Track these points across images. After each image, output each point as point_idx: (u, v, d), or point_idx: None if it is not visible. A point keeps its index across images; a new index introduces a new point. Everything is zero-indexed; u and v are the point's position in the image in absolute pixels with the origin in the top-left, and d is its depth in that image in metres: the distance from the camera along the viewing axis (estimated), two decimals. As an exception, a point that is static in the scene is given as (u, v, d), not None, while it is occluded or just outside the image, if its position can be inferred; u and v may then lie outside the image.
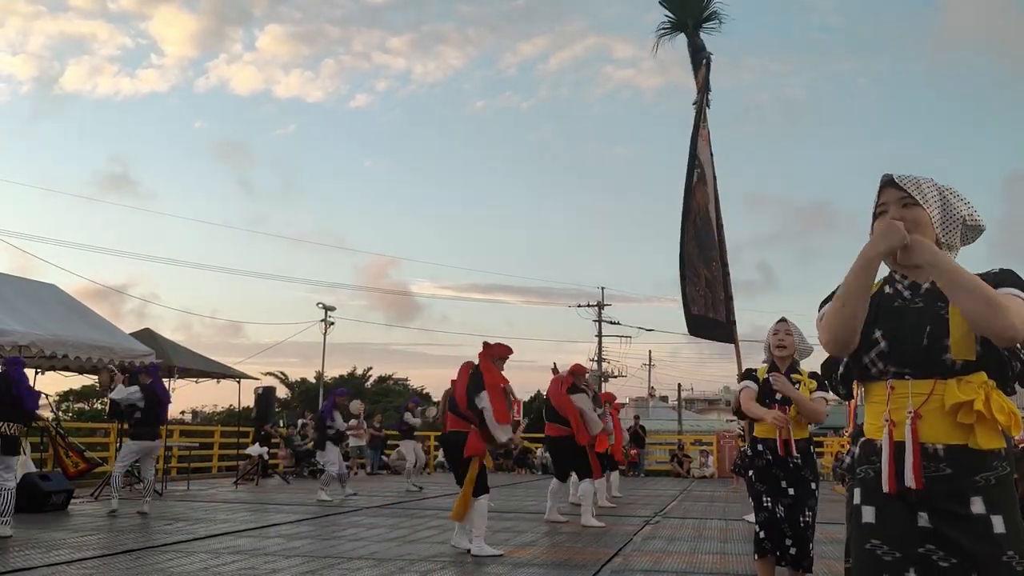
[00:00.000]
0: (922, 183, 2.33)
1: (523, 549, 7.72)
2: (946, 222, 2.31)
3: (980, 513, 2.10)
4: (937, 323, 2.19)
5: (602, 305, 45.36)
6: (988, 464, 2.13)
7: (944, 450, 2.14)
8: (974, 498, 2.12)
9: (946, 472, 2.13)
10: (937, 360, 2.16)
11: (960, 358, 2.14)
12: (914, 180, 2.34)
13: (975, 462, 2.13)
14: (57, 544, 7.43)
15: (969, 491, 2.12)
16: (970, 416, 2.10)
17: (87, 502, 11.60)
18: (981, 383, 2.12)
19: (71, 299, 13.85)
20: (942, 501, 2.14)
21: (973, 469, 2.12)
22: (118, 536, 7.99)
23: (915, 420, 2.15)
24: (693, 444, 24.94)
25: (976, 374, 2.13)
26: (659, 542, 8.34)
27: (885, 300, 2.32)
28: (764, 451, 4.96)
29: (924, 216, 2.29)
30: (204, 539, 7.96)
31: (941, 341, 2.16)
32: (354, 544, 7.82)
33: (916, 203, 2.28)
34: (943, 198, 2.32)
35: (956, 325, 2.16)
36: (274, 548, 7.49)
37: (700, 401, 72.47)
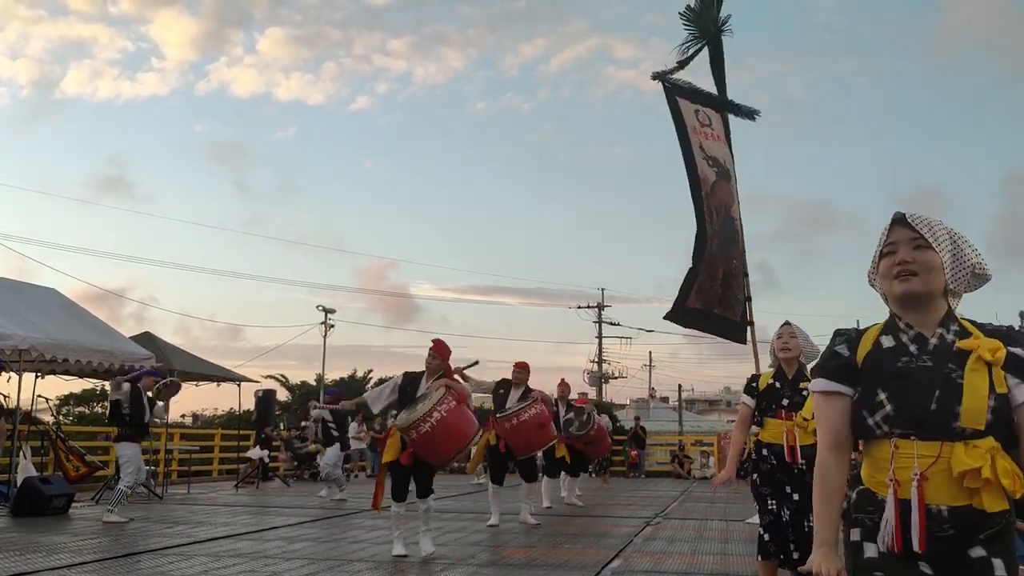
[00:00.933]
0: (934, 225, 2.27)
1: (523, 550, 7.72)
2: (956, 268, 2.26)
3: (980, 556, 2.11)
4: (948, 387, 2.15)
5: (602, 306, 45.37)
6: (992, 523, 2.12)
7: (948, 512, 2.12)
8: (976, 548, 2.13)
9: (949, 533, 2.12)
10: (946, 426, 2.13)
11: (970, 426, 2.11)
12: (926, 221, 2.28)
13: (980, 522, 2.12)
14: (58, 548, 7.44)
15: (973, 545, 2.14)
16: (977, 482, 2.08)
17: (88, 506, 11.60)
18: (988, 448, 2.09)
19: (71, 303, 13.87)
20: (943, 556, 2.14)
21: (977, 529, 2.12)
22: (119, 540, 7.99)
23: (921, 483, 2.12)
24: (694, 445, 24.93)
25: (984, 439, 2.10)
26: (660, 543, 8.34)
27: (887, 356, 2.25)
28: (769, 456, 4.93)
29: (936, 260, 2.23)
30: (204, 542, 7.97)
31: (952, 407, 2.13)
32: (355, 546, 7.82)
33: (928, 246, 2.23)
34: (954, 243, 2.28)
35: (970, 393, 2.13)
36: (274, 551, 7.50)
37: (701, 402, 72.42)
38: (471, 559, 7.08)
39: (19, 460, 11.59)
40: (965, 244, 2.29)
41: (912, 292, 2.23)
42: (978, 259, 2.30)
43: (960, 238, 2.30)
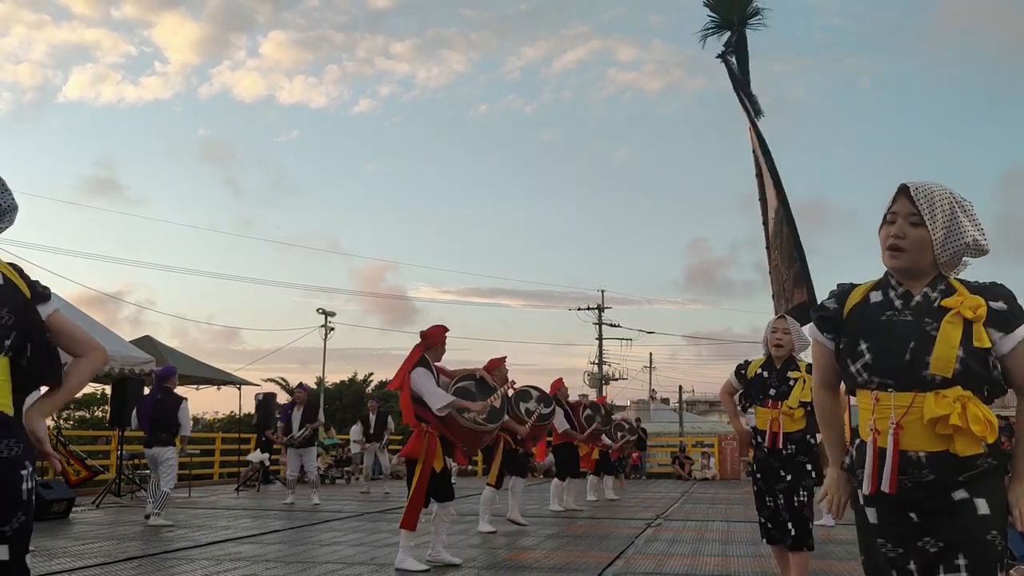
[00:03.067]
0: (935, 198, 2.34)
1: (524, 553, 7.72)
2: (948, 244, 2.33)
3: (963, 498, 2.25)
4: (922, 340, 2.29)
5: (602, 308, 45.36)
6: (971, 465, 2.26)
7: (927, 457, 2.27)
8: (958, 491, 2.27)
9: (929, 478, 2.27)
10: (917, 375, 2.28)
11: (939, 373, 2.26)
12: (928, 195, 2.34)
13: (956, 466, 2.26)
14: (58, 552, 7.43)
15: (953, 488, 2.28)
16: (947, 428, 2.23)
17: (88, 510, 11.59)
18: (956, 397, 2.23)
19: (70, 307, 13.86)
20: (928, 501, 2.29)
21: (955, 472, 2.26)
22: (120, 544, 7.99)
23: (897, 431, 2.28)
24: (694, 446, 24.96)
25: (952, 388, 2.24)
26: (661, 545, 8.34)
27: (872, 310, 2.39)
28: (761, 443, 5.06)
29: (926, 238, 2.33)
30: (205, 546, 7.96)
31: (923, 358, 2.28)
32: (355, 549, 7.81)
33: (923, 223, 2.32)
34: (953, 217, 2.34)
35: (941, 344, 2.27)
36: (275, 554, 7.49)
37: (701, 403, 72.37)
38: (472, 562, 7.08)
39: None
40: (966, 218, 2.35)
41: (898, 268, 2.38)
42: (976, 235, 2.35)
43: (963, 210, 2.35)
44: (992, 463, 2.29)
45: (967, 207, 2.37)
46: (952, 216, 2.33)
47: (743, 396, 5.24)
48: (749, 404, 5.21)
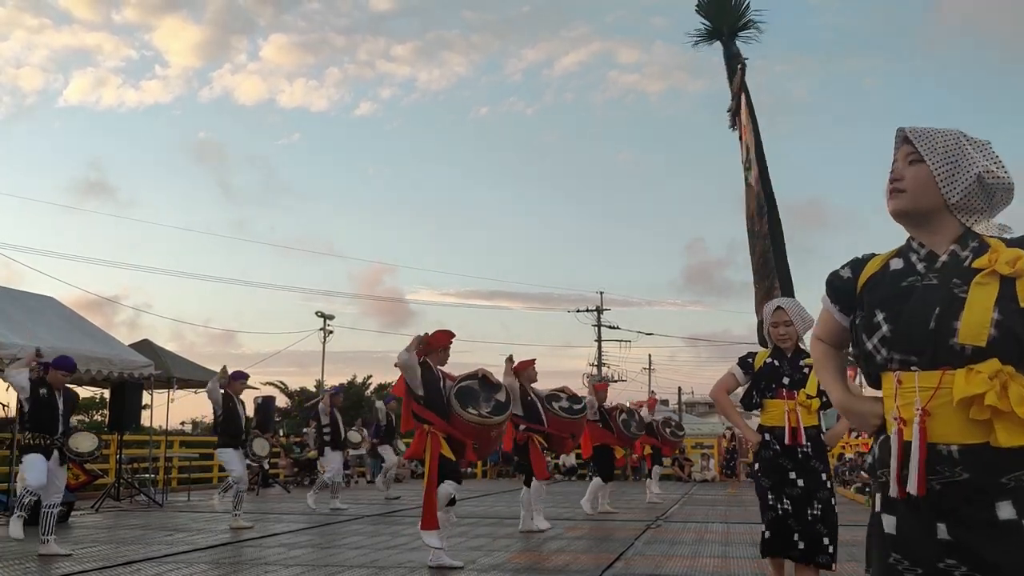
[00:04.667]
0: (934, 135, 2.04)
1: (524, 555, 7.71)
2: (955, 178, 1.99)
3: (1009, 519, 1.82)
4: (950, 304, 1.91)
5: (601, 310, 45.41)
6: (1017, 463, 1.83)
7: (959, 451, 1.86)
8: (1001, 503, 1.84)
9: (963, 477, 1.86)
10: (943, 346, 1.89)
11: (969, 343, 1.86)
12: (926, 133, 2.05)
13: (999, 463, 1.83)
14: (58, 556, 7.41)
15: (994, 495, 1.84)
16: (983, 412, 1.82)
17: (88, 514, 11.58)
18: (994, 372, 1.82)
19: (70, 311, 13.86)
20: (962, 509, 1.87)
21: (997, 471, 1.84)
22: (118, 548, 7.97)
23: (923, 418, 1.89)
24: (694, 447, 24.92)
25: (987, 362, 1.84)
26: (661, 546, 8.33)
27: (892, 277, 2.05)
28: (771, 441, 4.61)
29: (925, 172, 2.01)
30: (205, 550, 7.95)
31: (950, 326, 1.89)
32: (355, 552, 7.81)
33: (921, 159, 2.02)
34: (957, 149, 2.01)
35: (973, 306, 1.89)
36: (275, 557, 7.48)
37: (701, 404, 72.35)
38: (472, 564, 7.07)
39: (18, 469, 11.57)
40: (974, 149, 2.02)
41: (899, 209, 2.06)
42: (988, 164, 2.00)
43: (971, 142, 2.04)
44: None
45: (979, 141, 2.04)
46: (957, 148, 2.01)
47: (749, 392, 4.79)
48: (758, 398, 4.73)
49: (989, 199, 2.02)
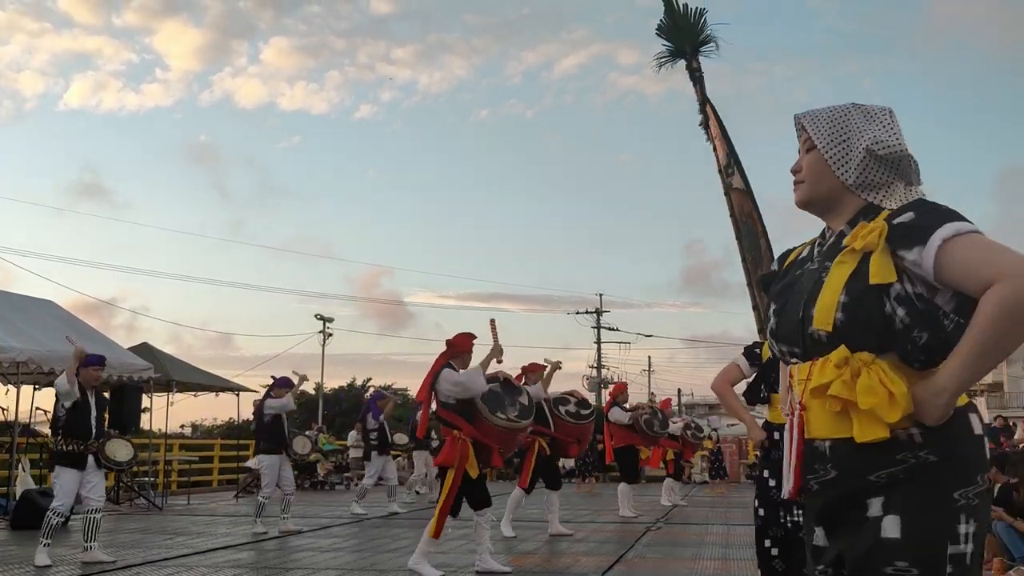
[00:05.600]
0: (822, 115, 1.89)
1: (524, 557, 7.70)
2: (846, 158, 1.84)
3: (874, 515, 1.70)
4: (813, 289, 1.81)
5: (600, 312, 45.40)
6: (888, 458, 1.68)
7: (830, 447, 1.74)
8: (873, 500, 1.71)
9: (831, 475, 1.75)
10: (807, 335, 1.79)
11: (821, 328, 1.75)
12: (814, 114, 1.91)
13: (865, 459, 1.69)
14: (57, 560, 7.41)
15: (864, 493, 1.72)
16: (835, 403, 1.70)
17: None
18: (842, 360, 1.69)
19: (68, 315, 13.85)
20: (837, 510, 1.77)
21: (865, 467, 1.70)
22: (118, 551, 7.96)
23: (801, 413, 1.79)
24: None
25: (838, 348, 1.71)
26: (661, 548, 8.33)
27: (793, 267, 1.97)
28: (781, 440, 4.14)
29: (817, 158, 1.88)
30: (204, 553, 7.94)
31: (809, 311, 1.79)
32: (355, 555, 7.80)
33: (814, 145, 1.89)
34: (846, 126, 1.86)
35: (826, 288, 1.77)
36: (274, 561, 7.47)
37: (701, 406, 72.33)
38: (471, 567, 7.06)
39: (18, 473, 11.56)
40: (864, 120, 1.86)
41: (800, 201, 1.94)
42: (876, 134, 1.83)
43: (859, 115, 1.88)
44: (930, 459, 1.66)
45: (873, 111, 1.88)
46: (845, 125, 1.86)
47: (755, 385, 4.45)
48: (766, 392, 4.38)
49: (893, 169, 1.84)
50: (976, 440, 1.71)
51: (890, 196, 1.83)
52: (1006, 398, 48.56)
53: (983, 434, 1.73)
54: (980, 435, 1.72)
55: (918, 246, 1.66)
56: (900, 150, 1.81)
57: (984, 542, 1.71)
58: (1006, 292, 1.55)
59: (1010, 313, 1.55)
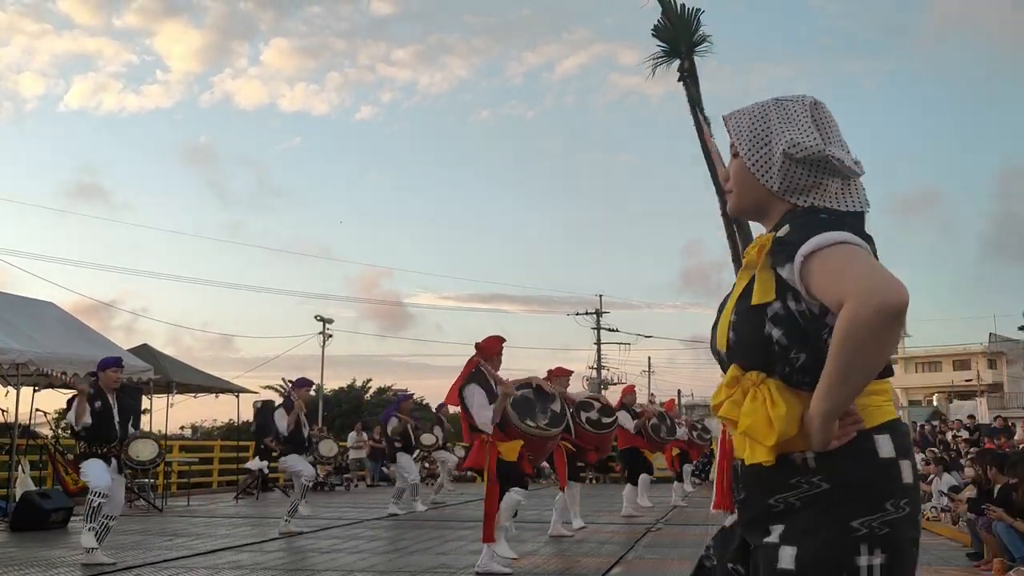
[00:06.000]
0: (743, 119, 1.80)
1: (524, 558, 7.69)
2: (767, 164, 1.75)
3: (772, 543, 1.62)
4: (724, 305, 1.78)
5: (600, 313, 45.39)
6: (784, 483, 1.62)
7: (741, 468, 1.71)
8: (773, 526, 1.63)
9: (742, 496, 1.72)
10: (716, 353, 1.77)
11: (720, 348, 1.74)
12: (735, 117, 1.82)
13: (765, 483, 1.64)
14: (57, 562, 7.41)
15: (767, 519, 1.65)
16: (730, 424, 1.68)
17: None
18: (732, 380, 1.66)
19: (68, 316, 13.86)
20: (751, 533, 1.70)
21: (764, 492, 1.65)
22: (118, 553, 7.95)
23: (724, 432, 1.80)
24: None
25: (731, 368, 1.67)
26: (661, 549, 8.33)
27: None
28: None
29: (740, 164, 1.79)
30: (204, 555, 7.94)
31: (715, 329, 1.78)
32: (354, 557, 7.80)
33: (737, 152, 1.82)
34: (765, 129, 1.76)
35: (728, 306, 1.73)
36: (274, 562, 7.47)
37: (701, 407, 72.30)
38: (471, 568, 7.06)
39: (17, 474, 11.55)
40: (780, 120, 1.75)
41: (731, 211, 1.87)
42: (793, 135, 1.71)
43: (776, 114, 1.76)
44: (824, 487, 1.58)
45: (789, 107, 1.76)
46: (764, 127, 1.75)
47: None
48: None
49: (819, 169, 1.71)
50: (882, 464, 1.59)
51: (822, 196, 1.72)
52: (1006, 398, 48.54)
53: (895, 457, 1.61)
54: (889, 459, 1.60)
55: (788, 263, 1.58)
56: (817, 151, 1.69)
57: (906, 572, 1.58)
58: (847, 314, 1.46)
59: (852, 335, 1.46)
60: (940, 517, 10.54)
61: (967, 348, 57.26)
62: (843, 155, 1.73)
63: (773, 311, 1.62)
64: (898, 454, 1.61)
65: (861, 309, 1.44)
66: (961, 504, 9.11)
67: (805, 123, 1.73)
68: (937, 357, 58.98)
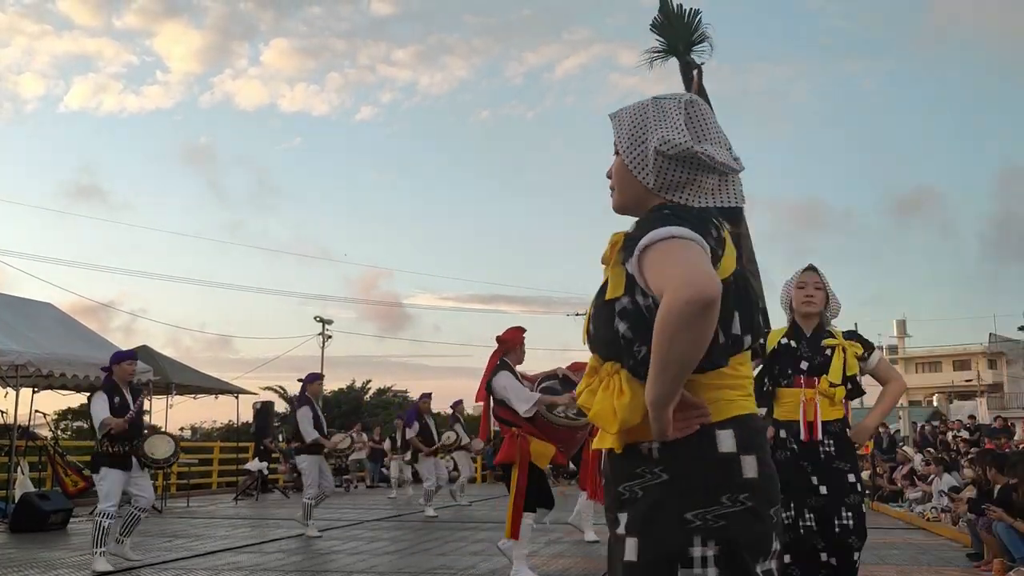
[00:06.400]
0: (625, 116, 1.83)
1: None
2: (642, 161, 1.78)
3: (620, 533, 1.67)
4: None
5: (600, 313, 45.36)
6: (632, 472, 1.67)
7: (604, 454, 1.78)
8: (620, 515, 1.68)
9: (603, 482, 1.80)
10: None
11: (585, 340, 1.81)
12: (618, 115, 1.85)
13: (617, 469, 1.71)
14: (56, 563, 7.40)
15: (618, 506, 1.70)
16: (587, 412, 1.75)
17: (86, 520, 11.53)
18: (591, 369, 1.72)
19: (67, 317, 13.85)
20: (608, 525, 1.78)
21: (615, 478, 1.72)
22: (117, 556, 7.94)
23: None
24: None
25: (591, 359, 1.75)
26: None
27: None
28: (787, 439, 3.88)
29: (620, 163, 1.83)
30: (204, 556, 7.93)
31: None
32: (354, 558, 7.79)
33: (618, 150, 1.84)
34: (642, 126, 1.79)
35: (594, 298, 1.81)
36: (274, 563, 7.46)
37: (700, 407, 72.45)
38: (471, 569, 7.05)
39: (17, 476, 11.55)
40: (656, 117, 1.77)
41: (616, 209, 1.89)
42: (664, 132, 1.73)
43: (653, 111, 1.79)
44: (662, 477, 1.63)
45: (665, 104, 1.78)
46: (641, 125, 1.78)
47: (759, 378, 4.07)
48: (771, 385, 4.06)
49: (692, 166, 1.74)
50: (721, 459, 1.62)
51: (697, 193, 1.75)
52: (1006, 398, 48.58)
53: (736, 452, 1.63)
54: (729, 453, 1.62)
55: (630, 258, 1.62)
56: (686, 148, 1.71)
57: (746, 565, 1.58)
58: (663, 305, 1.49)
59: (666, 325, 1.48)
60: (940, 517, 10.53)
61: (967, 348, 57.32)
62: (716, 151, 1.74)
63: (622, 306, 1.65)
64: (740, 449, 1.63)
65: (674, 301, 1.47)
66: (961, 504, 9.10)
67: (678, 121, 1.75)
68: (937, 357, 59.03)
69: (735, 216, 1.81)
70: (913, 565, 7.46)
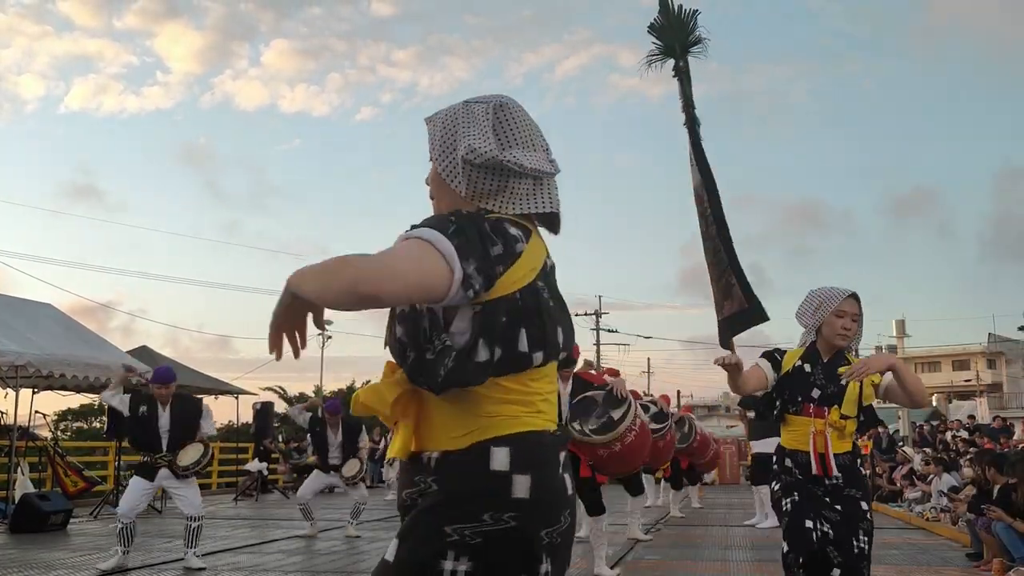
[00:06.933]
0: (438, 122, 1.76)
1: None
2: (453, 170, 1.72)
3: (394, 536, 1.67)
4: None
5: (599, 313, 45.39)
6: (412, 479, 1.67)
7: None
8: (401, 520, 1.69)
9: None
10: None
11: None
12: (433, 120, 1.78)
13: (404, 476, 1.71)
14: (56, 564, 7.40)
15: (403, 510, 1.69)
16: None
17: (86, 521, 11.54)
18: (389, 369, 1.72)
19: (67, 318, 13.85)
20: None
21: (403, 484, 1.71)
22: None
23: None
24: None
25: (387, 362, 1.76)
26: (660, 550, 8.32)
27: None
28: (793, 468, 3.70)
29: (434, 170, 1.77)
30: (204, 556, 7.92)
31: None
32: (354, 558, 7.79)
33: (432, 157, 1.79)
34: (453, 134, 1.73)
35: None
36: (274, 564, 7.46)
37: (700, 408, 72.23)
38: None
39: (17, 476, 11.55)
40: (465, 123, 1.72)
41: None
42: (471, 140, 1.68)
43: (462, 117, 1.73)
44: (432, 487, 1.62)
45: (475, 109, 1.72)
46: (452, 128, 1.73)
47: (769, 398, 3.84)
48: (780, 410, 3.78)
49: (502, 174, 1.71)
50: (491, 475, 1.58)
51: (510, 199, 1.73)
52: (1005, 398, 48.59)
53: (508, 471, 1.58)
54: (500, 471, 1.58)
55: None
56: (491, 156, 1.67)
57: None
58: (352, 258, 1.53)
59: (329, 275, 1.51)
60: (940, 517, 10.53)
61: (966, 348, 57.29)
62: (526, 157, 1.72)
63: (400, 310, 1.64)
64: (514, 468, 1.58)
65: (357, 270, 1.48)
66: (961, 504, 9.10)
67: (485, 127, 1.70)
68: (936, 357, 59.00)
69: (552, 221, 1.85)
70: (912, 565, 7.47)
